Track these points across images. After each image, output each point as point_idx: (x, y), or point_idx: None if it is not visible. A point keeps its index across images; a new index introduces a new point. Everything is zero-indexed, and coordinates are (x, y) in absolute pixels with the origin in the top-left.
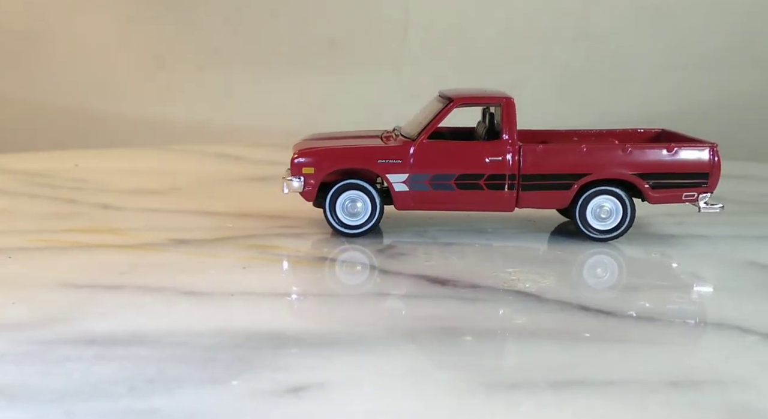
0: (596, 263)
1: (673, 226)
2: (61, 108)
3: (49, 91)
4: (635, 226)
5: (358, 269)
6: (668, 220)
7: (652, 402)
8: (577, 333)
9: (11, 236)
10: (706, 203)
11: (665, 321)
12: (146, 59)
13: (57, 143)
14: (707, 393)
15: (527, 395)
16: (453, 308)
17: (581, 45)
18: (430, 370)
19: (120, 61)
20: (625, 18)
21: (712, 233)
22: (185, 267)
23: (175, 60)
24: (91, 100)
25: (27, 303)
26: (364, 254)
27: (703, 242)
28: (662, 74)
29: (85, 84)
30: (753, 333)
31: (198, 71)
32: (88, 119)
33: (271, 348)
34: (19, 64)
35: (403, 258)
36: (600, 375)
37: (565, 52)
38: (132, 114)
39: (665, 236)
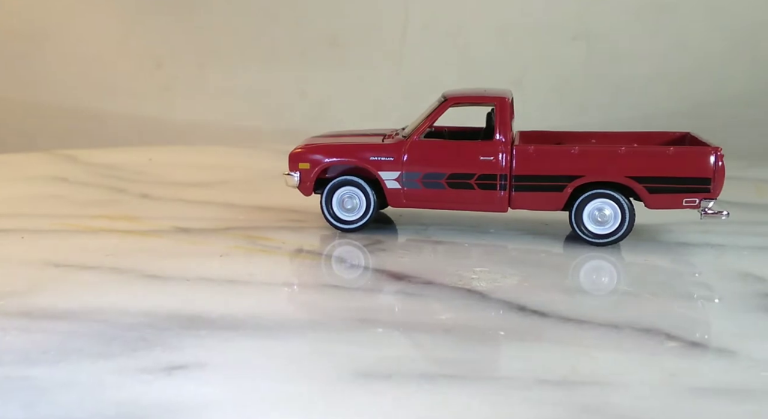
0: (572, 267)
1: (695, 234)
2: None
3: (48, 91)
4: (652, 232)
5: (323, 262)
6: (694, 227)
7: (517, 399)
8: (493, 331)
9: (41, 218)
10: (709, 210)
11: (593, 323)
12: (146, 59)
13: (56, 143)
14: (578, 394)
15: (393, 385)
16: (388, 302)
17: (581, 44)
18: (315, 357)
19: (120, 60)
20: (625, 17)
21: (731, 242)
22: (167, 253)
23: (175, 59)
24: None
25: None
26: (348, 248)
27: (710, 252)
28: (662, 73)
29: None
30: (677, 340)
31: (198, 70)
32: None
33: (180, 329)
34: (18, 63)
35: (381, 253)
36: (481, 372)
37: (565, 51)
38: (131, 113)
39: (675, 244)
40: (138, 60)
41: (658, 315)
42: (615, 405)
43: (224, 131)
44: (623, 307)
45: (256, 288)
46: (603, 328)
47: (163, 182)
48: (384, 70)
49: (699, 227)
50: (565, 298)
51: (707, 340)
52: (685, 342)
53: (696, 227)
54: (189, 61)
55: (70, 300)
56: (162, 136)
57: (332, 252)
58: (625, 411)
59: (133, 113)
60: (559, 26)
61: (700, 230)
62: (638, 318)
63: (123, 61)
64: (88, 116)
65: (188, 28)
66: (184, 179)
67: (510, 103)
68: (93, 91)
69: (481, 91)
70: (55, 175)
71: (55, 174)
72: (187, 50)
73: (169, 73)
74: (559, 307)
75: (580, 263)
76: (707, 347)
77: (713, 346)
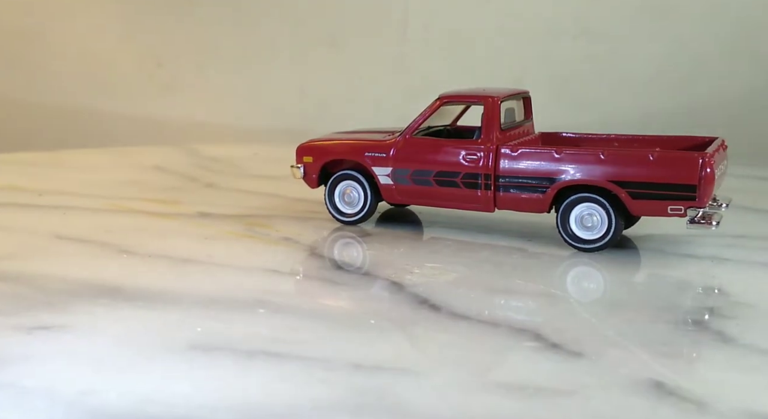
0: (528, 269)
1: (717, 247)
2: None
3: (48, 90)
4: (669, 242)
5: (293, 250)
6: (718, 241)
7: (317, 378)
8: (367, 319)
9: (98, 199)
10: (697, 219)
11: (475, 320)
12: (146, 58)
13: (56, 142)
14: (374, 379)
15: (206, 357)
16: (299, 288)
17: (581, 43)
18: (172, 329)
19: (119, 60)
20: (625, 16)
21: (736, 257)
22: (163, 233)
23: (175, 59)
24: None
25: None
26: (330, 239)
27: (693, 266)
28: (662, 73)
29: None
30: (540, 340)
31: (198, 70)
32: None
33: (85, 296)
34: (17, 63)
35: (354, 245)
36: (304, 352)
37: (565, 50)
38: (131, 113)
39: (674, 256)
40: (138, 60)
41: (555, 318)
42: (398, 393)
43: (224, 131)
44: (531, 310)
45: (195, 267)
46: (481, 325)
47: (243, 175)
48: (384, 70)
49: (719, 241)
50: (480, 297)
51: (566, 343)
52: (546, 343)
53: (714, 239)
54: (189, 60)
55: (27, 265)
56: (161, 135)
57: (311, 242)
58: (401, 398)
59: (132, 112)
60: (559, 26)
61: (722, 244)
62: (530, 319)
63: (123, 61)
64: (88, 115)
65: (188, 27)
66: (267, 172)
67: (497, 104)
68: (92, 90)
69: (480, 90)
70: (158, 164)
71: (159, 163)
72: (188, 50)
73: (169, 72)
74: (462, 304)
75: (541, 266)
76: (562, 349)
77: (568, 349)
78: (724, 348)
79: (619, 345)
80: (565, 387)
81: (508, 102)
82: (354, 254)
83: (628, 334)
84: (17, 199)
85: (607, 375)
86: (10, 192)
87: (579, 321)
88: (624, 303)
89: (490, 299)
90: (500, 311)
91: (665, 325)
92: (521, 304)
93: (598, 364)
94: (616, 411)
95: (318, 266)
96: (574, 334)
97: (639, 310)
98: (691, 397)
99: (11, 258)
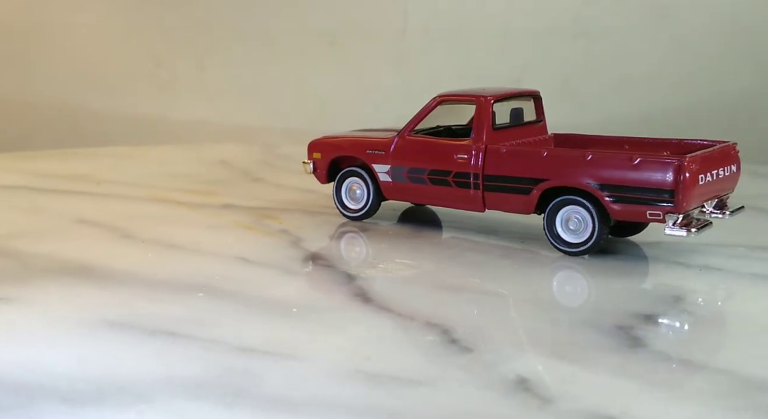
0: (496, 267)
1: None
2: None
3: (47, 89)
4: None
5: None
6: (725, 250)
7: (192, 356)
8: (289, 307)
9: (143, 188)
10: (674, 225)
11: (394, 313)
12: (145, 57)
13: (55, 142)
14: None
15: (111, 334)
16: (257, 275)
17: (581, 43)
18: (102, 307)
19: (119, 59)
20: (624, 16)
21: (729, 267)
22: (173, 221)
23: (174, 58)
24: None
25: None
26: (323, 232)
27: (674, 273)
28: (662, 72)
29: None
30: (444, 335)
31: (197, 69)
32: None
33: (55, 274)
34: (16, 62)
35: (341, 240)
36: (194, 332)
37: (565, 50)
38: (130, 112)
39: (663, 263)
40: (137, 59)
41: (478, 316)
42: (265, 377)
43: (224, 130)
44: (460, 307)
45: (176, 253)
46: (397, 318)
47: (293, 171)
48: (384, 70)
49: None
50: (421, 293)
51: (465, 339)
52: (447, 338)
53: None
54: (188, 60)
55: (28, 244)
56: (161, 135)
57: (303, 235)
58: (267, 381)
59: (132, 111)
60: (559, 25)
61: (728, 254)
62: (450, 316)
63: (122, 60)
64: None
65: (188, 27)
66: None
67: (488, 104)
68: (92, 89)
69: (480, 90)
70: (224, 159)
71: (226, 158)
72: (187, 49)
73: (168, 71)
74: (394, 299)
75: (513, 267)
76: (458, 344)
77: (462, 345)
78: (626, 352)
79: (517, 344)
80: (428, 379)
81: (512, 102)
82: (332, 248)
83: (539, 334)
84: (74, 186)
85: (480, 371)
86: (75, 180)
87: (500, 319)
88: (563, 306)
89: (430, 295)
90: (427, 307)
91: (586, 328)
92: (455, 301)
93: (479, 360)
94: (463, 402)
95: (289, 256)
96: (483, 332)
97: (573, 313)
98: (543, 394)
99: (20, 237)
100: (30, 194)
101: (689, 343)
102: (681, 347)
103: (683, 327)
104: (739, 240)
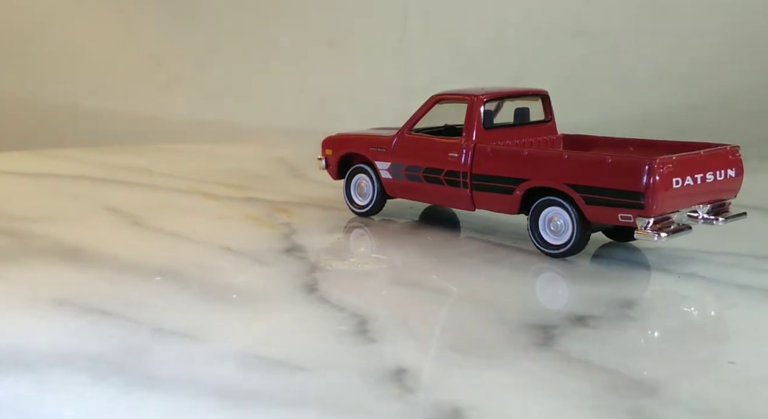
0: (465, 266)
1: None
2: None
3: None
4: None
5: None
6: (721, 258)
7: (103, 329)
8: (231, 293)
9: (187, 182)
10: (643, 229)
11: (330, 305)
12: (145, 57)
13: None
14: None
15: (51, 311)
16: (226, 263)
17: (580, 42)
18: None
19: (118, 58)
20: (624, 15)
21: (714, 275)
22: (190, 211)
23: (174, 58)
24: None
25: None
26: (322, 227)
27: (644, 280)
28: (661, 71)
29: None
30: (360, 326)
31: (197, 68)
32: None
33: (45, 255)
34: (16, 61)
35: (333, 234)
36: (130, 313)
37: (565, 49)
38: (130, 112)
39: (643, 269)
40: (137, 58)
41: (407, 310)
42: (155, 357)
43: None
44: (396, 301)
45: (169, 240)
46: (328, 308)
47: None
48: (384, 70)
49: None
50: (370, 286)
51: (374, 331)
52: (358, 329)
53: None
54: (188, 59)
55: (41, 227)
56: (161, 134)
57: (301, 229)
58: (154, 360)
59: (132, 110)
60: (558, 24)
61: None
62: (378, 309)
63: (122, 60)
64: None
65: (188, 26)
66: None
67: (478, 103)
68: (92, 89)
69: (478, 89)
70: (283, 157)
71: (285, 156)
72: (187, 49)
73: (168, 71)
74: (340, 291)
75: (481, 265)
76: (365, 335)
77: (369, 336)
78: (530, 350)
79: (423, 338)
80: (315, 366)
81: (518, 102)
82: (319, 241)
83: (454, 330)
84: (126, 177)
85: (369, 360)
86: (132, 172)
87: (426, 314)
88: (502, 305)
89: (377, 289)
90: (364, 300)
91: (508, 325)
92: (396, 296)
93: (375, 351)
94: (331, 389)
95: (271, 248)
96: (399, 325)
97: (507, 311)
98: (410, 385)
99: (41, 221)
100: (83, 182)
101: (602, 346)
102: (589, 349)
103: (609, 331)
104: (745, 248)
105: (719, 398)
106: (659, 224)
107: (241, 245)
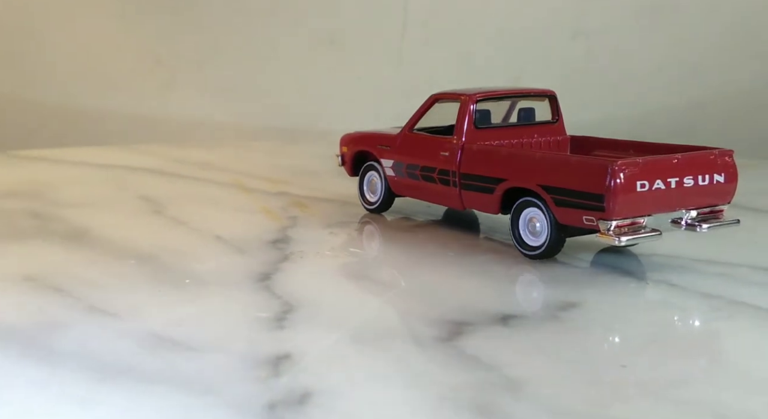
0: (438, 264)
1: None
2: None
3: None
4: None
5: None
6: (710, 268)
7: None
8: (185, 279)
9: (233, 175)
10: (604, 232)
11: (271, 294)
12: (145, 56)
13: (55, 141)
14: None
15: (16, 286)
16: (206, 251)
17: (580, 42)
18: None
19: (119, 58)
20: (623, 15)
21: (688, 284)
22: (215, 202)
23: (174, 57)
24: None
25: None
26: (324, 220)
27: (609, 285)
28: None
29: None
30: (283, 315)
31: (197, 68)
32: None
33: (54, 235)
34: (16, 61)
35: (330, 228)
36: (82, 293)
37: (564, 49)
38: (130, 111)
39: (617, 274)
40: (137, 58)
41: (339, 303)
42: (75, 334)
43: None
44: (341, 295)
45: (172, 228)
46: (269, 296)
47: None
48: (384, 70)
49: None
50: (327, 280)
51: (293, 322)
52: (279, 318)
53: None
54: (188, 59)
55: (72, 212)
56: (161, 134)
57: (305, 223)
58: (72, 337)
59: (132, 110)
60: (558, 24)
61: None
62: (313, 300)
63: (122, 59)
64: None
65: (188, 26)
66: None
67: (469, 102)
68: (92, 88)
69: (477, 89)
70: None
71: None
72: (187, 48)
73: (168, 71)
74: (292, 283)
75: (455, 263)
76: (279, 323)
77: (285, 325)
78: (427, 345)
79: (332, 327)
80: (212, 348)
81: (523, 102)
82: (310, 234)
83: (370, 322)
84: (180, 170)
85: (262, 345)
86: (193, 166)
87: (352, 307)
88: (437, 300)
89: (330, 280)
90: (307, 291)
91: (425, 320)
92: (341, 287)
93: (277, 337)
94: (211, 370)
95: (258, 238)
96: (317, 315)
97: (437, 306)
98: (283, 370)
99: (75, 206)
100: (138, 174)
101: (505, 345)
102: (489, 346)
103: (524, 331)
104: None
105: (580, 398)
106: (627, 227)
107: (234, 235)
